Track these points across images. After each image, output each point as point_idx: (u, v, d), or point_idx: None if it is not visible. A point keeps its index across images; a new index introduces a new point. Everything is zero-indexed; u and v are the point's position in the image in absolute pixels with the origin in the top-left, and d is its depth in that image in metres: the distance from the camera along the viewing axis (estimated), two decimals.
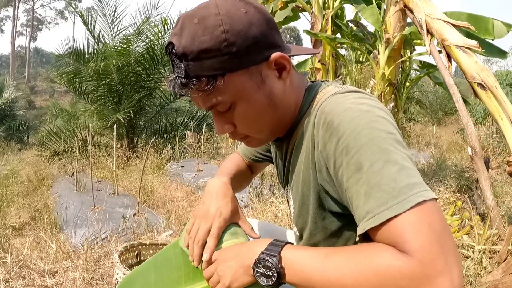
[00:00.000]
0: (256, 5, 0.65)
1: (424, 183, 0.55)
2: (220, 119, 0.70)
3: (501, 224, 2.36)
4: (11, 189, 4.05)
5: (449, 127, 11.55)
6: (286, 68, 0.68)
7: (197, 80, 0.62)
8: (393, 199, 0.53)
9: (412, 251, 0.50)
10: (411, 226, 0.51)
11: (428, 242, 0.50)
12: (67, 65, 6.21)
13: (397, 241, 0.52)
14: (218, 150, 7.41)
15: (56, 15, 53.39)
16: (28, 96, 26.66)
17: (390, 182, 0.54)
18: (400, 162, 0.55)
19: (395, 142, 0.58)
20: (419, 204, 0.52)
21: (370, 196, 0.54)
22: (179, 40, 0.62)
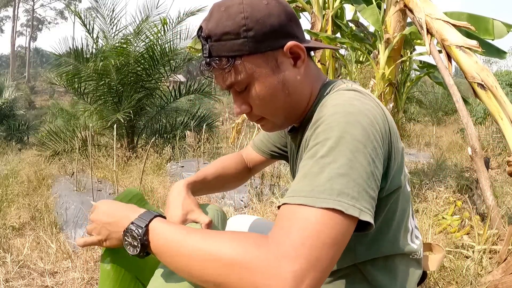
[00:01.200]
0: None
1: (357, 198, 0.55)
2: (238, 99, 0.76)
3: (501, 224, 2.36)
4: (11, 189, 4.05)
5: (449, 127, 11.54)
6: (301, 57, 0.73)
7: (218, 59, 0.69)
8: (316, 193, 0.54)
9: (283, 240, 0.51)
10: (306, 219, 0.52)
11: (303, 241, 0.50)
12: (66, 65, 6.20)
13: (284, 221, 0.54)
14: (218, 150, 7.41)
15: (56, 15, 53.42)
16: (28, 96, 26.66)
17: (325, 179, 0.55)
18: (345, 169, 0.56)
19: (357, 151, 0.58)
20: (331, 211, 0.52)
21: (304, 180, 0.57)
22: (206, 25, 0.70)
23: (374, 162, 0.60)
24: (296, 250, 0.49)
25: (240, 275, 0.50)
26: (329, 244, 0.51)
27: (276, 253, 0.49)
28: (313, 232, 0.51)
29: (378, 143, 0.62)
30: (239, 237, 0.55)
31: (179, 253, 0.57)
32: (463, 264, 1.95)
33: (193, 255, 0.55)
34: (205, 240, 0.55)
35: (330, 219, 0.52)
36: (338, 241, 0.52)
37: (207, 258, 0.53)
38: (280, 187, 3.62)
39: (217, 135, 8.60)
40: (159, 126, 7.45)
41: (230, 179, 1.08)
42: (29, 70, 42.97)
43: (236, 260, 0.51)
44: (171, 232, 0.61)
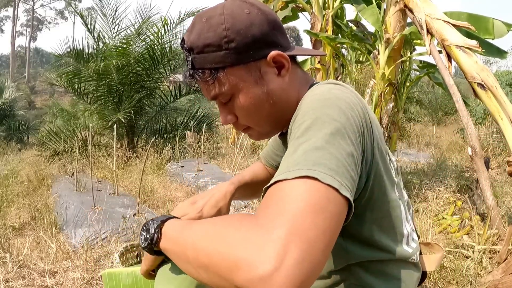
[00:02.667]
0: (260, 7, 0.70)
1: (337, 171, 0.51)
2: (223, 110, 0.76)
3: (501, 224, 2.36)
4: (11, 189, 4.05)
5: (449, 127, 11.54)
6: (285, 66, 0.71)
7: (201, 71, 0.69)
8: (291, 167, 0.52)
9: (259, 214, 0.49)
10: (281, 192, 0.50)
11: (280, 211, 0.47)
12: (66, 65, 6.20)
13: (262, 202, 0.52)
14: (218, 150, 7.41)
15: (56, 15, 53.40)
16: (28, 96, 26.65)
17: (300, 154, 0.53)
18: (321, 143, 0.54)
19: (334, 129, 0.56)
20: (307, 178, 0.49)
21: (282, 163, 0.55)
22: (189, 36, 0.70)
23: (353, 145, 0.57)
24: (273, 221, 0.46)
25: (230, 259, 0.47)
26: (310, 211, 0.46)
27: (254, 230, 0.47)
28: (289, 201, 0.48)
29: (357, 128, 0.60)
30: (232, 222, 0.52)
31: (178, 244, 0.57)
32: (463, 264, 1.95)
33: (191, 244, 0.54)
34: (201, 229, 0.55)
35: (306, 187, 0.49)
36: (321, 209, 0.47)
37: (198, 247, 0.52)
38: None
39: (217, 135, 8.59)
40: (159, 126, 7.45)
41: (262, 185, 1.08)
42: (29, 70, 42.97)
43: (230, 246, 0.48)
44: (182, 224, 0.61)
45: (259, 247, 0.44)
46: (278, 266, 0.42)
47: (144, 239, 0.65)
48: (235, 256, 0.45)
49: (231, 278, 0.45)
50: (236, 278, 0.44)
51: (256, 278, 0.42)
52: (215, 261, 0.48)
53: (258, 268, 0.42)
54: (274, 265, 0.42)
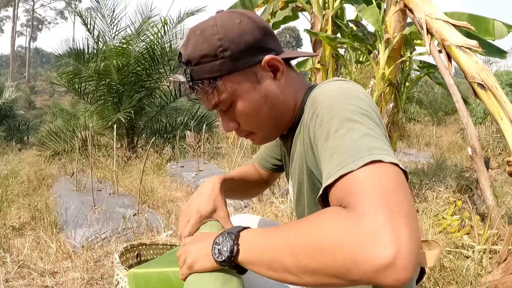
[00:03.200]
0: (250, 15, 0.74)
1: (388, 150, 0.54)
2: (225, 117, 0.78)
3: (501, 224, 2.36)
4: (11, 189, 4.05)
5: (449, 127, 11.54)
6: (279, 69, 0.75)
7: (200, 82, 0.72)
8: (349, 159, 0.53)
9: (354, 204, 0.48)
10: (358, 181, 0.50)
11: (371, 196, 0.48)
12: (67, 65, 6.20)
13: (343, 197, 0.51)
14: (218, 150, 7.41)
15: (56, 15, 53.43)
16: (28, 96, 26.65)
17: (350, 144, 0.55)
18: (364, 130, 0.57)
19: (364, 115, 0.60)
20: (373, 163, 0.51)
21: (332, 158, 0.56)
22: (185, 50, 0.73)
23: (382, 127, 0.61)
24: (369, 207, 0.46)
25: (343, 256, 0.46)
26: (393, 188, 0.49)
27: (356, 221, 0.46)
28: (372, 186, 0.49)
29: (377, 113, 0.64)
30: (319, 214, 0.53)
31: (273, 247, 0.55)
32: (463, 264, 1.95)
33: (286, 250, 0.52)
34: (296, 228, 0.53)
35: (378, 170, 0.51)
36: (398, 183, 0.49)
37: (298, 251, 0.51)
38: (280, 187, 3.62)
39: (217, 135, 8.59)
40: (159, 126, 7.45)
41: (252, 184, 1.09)
42: (29, 70, 42.98)
43: (333, 226, 0.48)
44: (261, 233, 0.60)
45: (371, 236, 0.44)
46: (397, 249, 0.43)
47: (219, 253, 0.62)
48: (348, 252, 0.45)
49: (349, 275, 0.45)
50: (355, 275, 0.45)
51: (380, 268, 0.43)
52: (325, 262, 0.47)
53: (379, 257, 0.43)
54: (393, 249, 0.43)
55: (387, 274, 0.43)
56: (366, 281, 0.45)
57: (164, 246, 1.16)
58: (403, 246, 0.43)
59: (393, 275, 0.43)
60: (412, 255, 0.44)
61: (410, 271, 0.43)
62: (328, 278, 0.48)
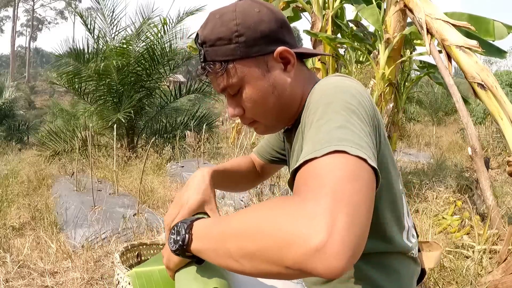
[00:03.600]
0: (271, 7, 0.76)
1: (360, 145, 0.53)
2: (231, 102, 0.79)
3: (501, 224, 2.36)
4: (11, 189, 4.05)
5: (449, 127, 11.54)
6: (290, 62, 0.76)
7: (212, 64, 0.73)
8: (319, 146, 0.53)
9: (302, 190, 0.49)
10: (315, 168, 0.51)
11: (320, 183, 0.47)
12: (66, 65, 6.20)
13: (298, 182, 0.52)
14: (218, 150, 7.41)
15: (56, 15, 53.41)
16: (28, 96, 26.65)
17: (324, 134, 0.55)
18: (341, 122, 0.57)
19: (349, 110, 0.60)
20: (337, 153, 0.51)
21: (305, 146, 0.57)
22: (202, 31, 0.74)
23: (368, 126, 0.60)
24: (315, 194, 0.46)
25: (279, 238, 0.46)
26: (348, 179, 0.48)
27: (298, 205, 0.46)
28: (325, 174, 0.49)
29: (369, 112, 0.63)
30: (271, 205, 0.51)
31: (214, 238, 0.56)
32: (463, 264, 1.95)
33: (230, 235, 0.53)
34: (246, 213, 0.53)
35: (338, 160, 0.50)
36: (356, 176, 0.49)
37: (238, 234, 0.51)
38: (280, 187, 3.62)
39: (217, 135, 8.60)
40: (159, 126, 7.45)
41: (244, 177, 1.09)
42: (29, 70, 42.97)
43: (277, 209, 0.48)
44: (212, 221, 0.61)
45: (307, 220, 0.44)
46: (330, 233, 0.42)
47: (174, 242, 0.63)
48: (284, 234, 0.44)
49: (282, 258, 0.44)
50: (288, 256, 0.44)
51: (311, 251, 0.42)
52: (262, 245, 0.47)
53: (311, 240, 0.42)
54: (326, 233, 0.42)
55: (318, 259, 0.42)
56: (298, 266, 0.43)
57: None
58: (337, 233, 0.42)
59: (323, 262, 0.42)
60: (347, 244, 0.42)
61: (343, 260, 0.42)
62: (265, 264, 0.47)
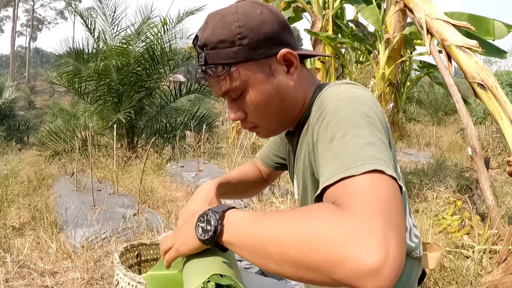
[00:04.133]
0: (271, 8, 0.75)
1: (389, 163, 0.54)
2: (233, 106, 0.78)
3: (501, 224, 2.36)
4: (11, 189, 4.05)
5: (449, 127, 11.54)
6: (294, 64, 0.75)
7: (214, 67, 0.71)
8: (352, 164, 0.54)
9: (350, 205, 0.49)
10: (359, 185, 0.51)
11: (370, 201, 0.48)
12: (66, 65, 6.20)
13: (340, 197, 0.52)
14: (218, 150, 7.41)
15: (56, 15, 53.42)
16: (28, 96, 26.63)
17: (355, 150, 0.56)
18: (370, 138, 0.58)
19: (371, 124, 0.61)
20: (375, 172, 0.52)
21: (334, 162, 0.56)
22: (202, 33, 0.72)
23: (385, 137, 0.62)
24: (364, 212, 0.47)
25: (331, 253, 0.46)
26: (391, 200, 0.50)
27: (349, 223, 0.47)
28: (370, 193, 0.50)
29: (384, 122, 0.65)
30: (312, 206, 0.53)
31: (252, 238, 0.55)
32: (463, 264, 1.95)
33: (272, 239, 0.52)
34: (283, 217, 0.54)
35: (379, 180, 0.52)
36: (395, 197, 0.51)
37: (290, 227, 0.51)
38: (280, 187, 3.62)
39: (217, 135, 8.59)
40: (159, 126, 7.45)
41: (250, 185, 1.10)
42: (29, 70, 42.97)
43: (325, 220, 0.49)
44: (247, 216, 0.59)
45: (363, 239, 0.45)
46: (385, 257, 0.43)
47: (203, 231, 0.61)
48: (337, 252, 0.45)
49: (332, 273, 0.45)
50: (339, 272, 0.45)
51: (364, 272, 0.43)
52: (312, 257, 0.47)
53: (366, 262, 0.43)
54: (381, 257, 0.43)
55: (370, 279, 0.43)
56: (347, 282, 0.45)
57: None
58: (390, 256, 0.44)
59: (375, 282, 0.43)
60: (397, 266, 0.44)
61: (392, 282, 0.44)
62: (309, 272, 0.48)
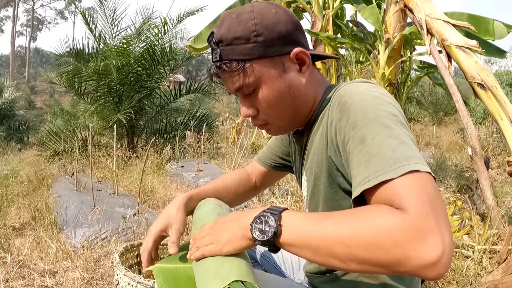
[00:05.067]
0: (285, 9, 0.78)
1: (422, 159, 0.59)
2: (245, 102, 0.79)
3: (501, 224, 2.36)
4: (11, 189, 4.04)
5: (449, 127, 11.54)
6: (306, 63, 0.77)
7: (229, 62, 0.73)
8: (389, 166, 0.57)
9: (406, 207, 0.53)
10: (405, 186, 0.55)
11: (421, 200, 0.53)
12: (66, 65, 6.19)
13: (392, 199, 0.55)
14: (218, 150, 7.41)
15: (56, 15, 53.40)
16: (28, 96, 26.64)
17: (388, 152, 0.59)
18: (401, 138, 0.61)
19: (399, 123, 0.64)
20: (413, 172, 0.56)
21: (369, 164, 0.59)
22: (218, 30, 0.74)
23: (411, 132, 0.65)
24: (419, 211, 0.52)
25: (396, 252, 0.52)
26: (435, 196, 0.55)
27: (408, 221, 0.52)
28: (419, 192, 0.54)
29: (405, 118, 0.68)
30: (370, 208, 0.57)
31: (321, 234, 0.58)
32: (463, 264, 1.95)
33: (341, 232, 0.56)
34: (346, 218, 0.57)
35: (419, 179, 0.56)
36: (437, 192, 0.56)
37: (355, 230, 0.55)
38: (280, 187, 3.62)
39: (217, 135, 8.60)
40: (159, 126, 7.45)
41: (230, 195, 1.06)
42: (29, 70, 42.97)
43: (388, 223, 0.53)
44: (306, 218, 0.61)
45: (424, 237, 0.51)
46: (444, 249, 0.50)
47: (260, 232, 0.62)
48: (403, 250, 0.51)
49: (397, 267, 0.52)
50: (405, 267, 0.51)
51: (428, 264, 0.50)
52: (378, 256, 0.53)
53: (430, 255, 0.50)
54: (441, 249, 0.50)
55: (433, 269, 0.50)
56: (411, 273, 0.52)
57: (164, 246, 1.16)
58: (447, 247, 0.51)
59: (436, 270, 0.50)
60: (451, 254, 0.52)
61: (448, 267, 0.51)
62: (375, 268, 0.54)
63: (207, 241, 0.69)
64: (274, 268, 1.09)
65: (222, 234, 0.68)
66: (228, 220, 0.70)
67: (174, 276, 0.75)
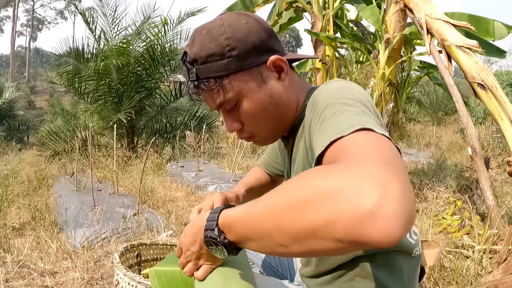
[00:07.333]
0: (256, 17, 0.76)
1: (380, 128, 0.52)
2: (229, 117, 0.78)
3: (501, 224, 2.36)
4: (11, 189, 4.04)
5: (449, 127, 11.54)
6: (284, 70, 0.76)
7: (206, 81, 0.72)
8: (341, 130, 0.52)
9: (345, 158, 0.46)
10: (354, 141, 0.50)
11: (365, 152, 0.46)
12: (66, 65, 6.19)
13: (337, 156, 0.49)
14: (218, 150, 7.41)
15: (56, 15, 53.42)
16: (28, 96, 26.64)
17: (344, 120, 0.55)
18: (358, 111, 0.58)
19: (359, 102, 0.61)
20: (365, 130, 0.51)
21: (324, 133, 0.56)
22: (191, 49, 0.72)
23: (378, 117, 0.62)
24: (360, 158, 0.44)
25: (327, 207, 0.41)
26: (388, 152, 0.46)
27: (344, 169, 0.43)
28: (367, 146, 0.47)
29: (374, 109, 0.64)
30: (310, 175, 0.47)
31: (262, 212, 0.49)
32: (463, 264, 1.95)
33: (268, 214, 0.48)
34: (280, 188, 0.49)
35: (371, 136, 0.50)
36: (394, 152, 0.47)
37: (285, 210, 0.45)
38: None
39: (217, 135, 8.60)
40: (159, 126, 7.45)
41: (265, 190, 1.09)
42: (29, 70, 42.99)
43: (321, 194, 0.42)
44: (239, 210, 0.55)
45: (356, 183, 0.40)
46: (384, 193, 0.38)
47: (209, 240, 0.57)
48: (332, 204, 0.40)
49: (333, 231, 0.40)
50: (340, 228, 0.40)
51: (363, 214, 0.38)
52: (309, 221, 0.42)
53: (363, 202, 0.38)
54: (379, 194, 0.38)
55: (372, 223, 0.37)
56: (351, 237, 0.39)
57: (164, 246, 1.17)
58: (390, 193, 0.39)
59: (379, 225, 0.37)
60: (402, 204, 0.39)
61: (400, 222, 0.38)
62: (314, 242, 0.43)
63: (197, 255, 0.65)
64: (271, 270, 1.09)
65: (193, 253, 0.64)
66: (188, 236, 0.65)
67: (170, 279, 0.76)
